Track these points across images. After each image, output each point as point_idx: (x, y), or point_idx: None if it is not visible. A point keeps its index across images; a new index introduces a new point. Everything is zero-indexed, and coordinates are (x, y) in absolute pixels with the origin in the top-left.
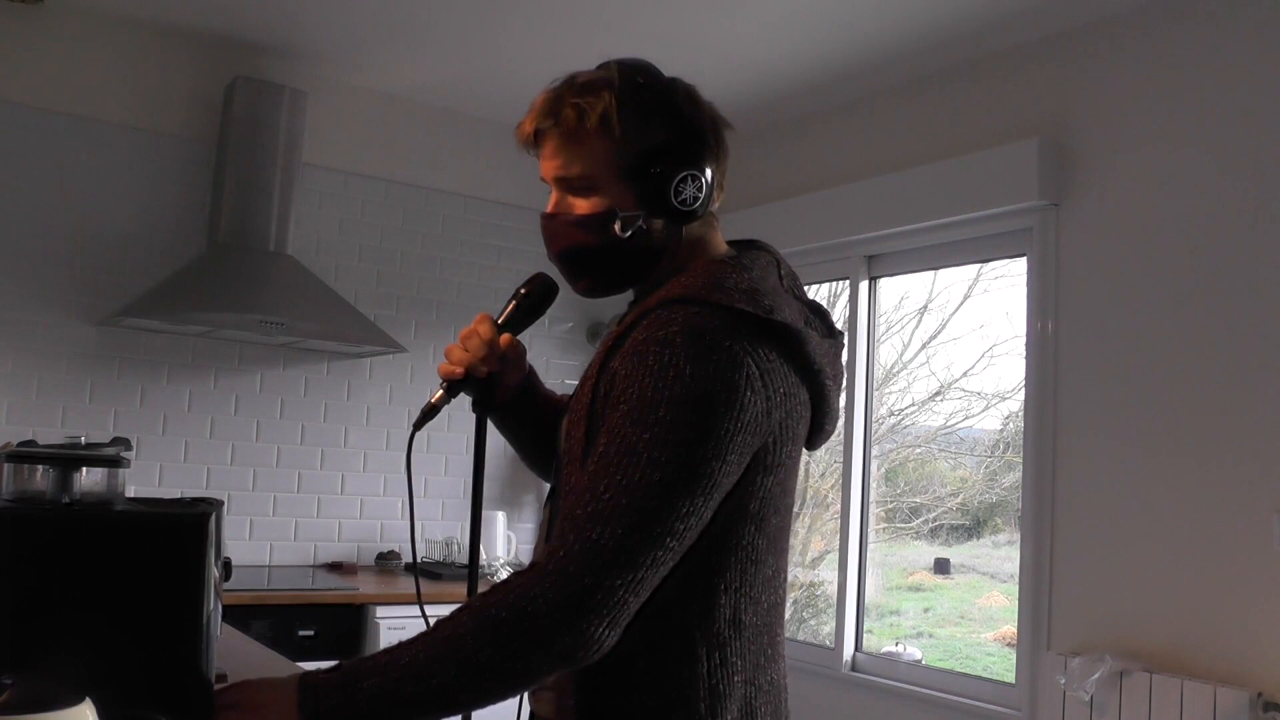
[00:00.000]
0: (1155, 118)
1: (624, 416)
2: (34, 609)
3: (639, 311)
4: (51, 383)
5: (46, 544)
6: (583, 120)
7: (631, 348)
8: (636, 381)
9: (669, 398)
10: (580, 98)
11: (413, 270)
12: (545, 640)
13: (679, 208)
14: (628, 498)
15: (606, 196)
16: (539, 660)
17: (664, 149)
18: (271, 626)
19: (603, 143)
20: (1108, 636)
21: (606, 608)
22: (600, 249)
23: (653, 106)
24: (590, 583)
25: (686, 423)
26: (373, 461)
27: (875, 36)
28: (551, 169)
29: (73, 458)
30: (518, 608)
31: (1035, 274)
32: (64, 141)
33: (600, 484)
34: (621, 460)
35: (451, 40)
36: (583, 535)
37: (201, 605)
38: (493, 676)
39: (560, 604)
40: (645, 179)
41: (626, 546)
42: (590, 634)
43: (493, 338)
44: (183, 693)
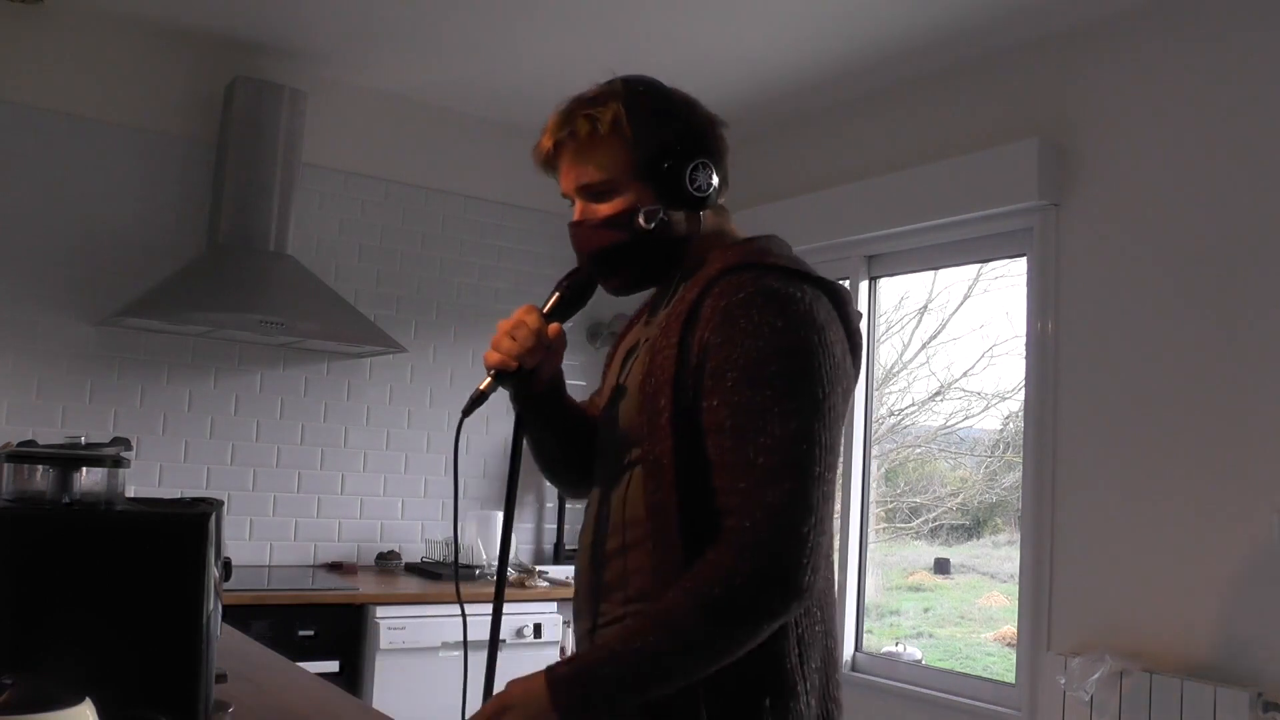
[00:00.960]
0: (1155, 118)
1: (737, 383)
2: (34, 609)
3: (699, 285)
4: (51, 383)
5: (46, 544)
6: (595, 128)
7: (712, 316)
8: (736, 344)
9: (772, 352)
10: (590, 109)
11: (413, 270)
12: (762, 608)
13: (695, 195)
14: (779, 455)
15: (627, 196)
16: (763, 624)
17: (673, 144)
18: (271, 626)
19: (617, 146)
20: (1108, 636)
21: (804, 556)
22: (629, 244)
23: (657, 109)
24: (782, 544)
25: (795, 371)
26: (373, 461)
27: (875, 36)
28: (572, 180)
29: (73, 458)
30: (728, 585)
31: (1035, 274)
32: (64, 141)
33: (748, 450)
34: (756, 423)
35: (452, 40)
36: (759, 503)
37: (201, 605)
38: (720, 649)
39: (766, 573)
40: (660, 174)
41: (798, 497)
42: (800, 585)
43: (541, 328)
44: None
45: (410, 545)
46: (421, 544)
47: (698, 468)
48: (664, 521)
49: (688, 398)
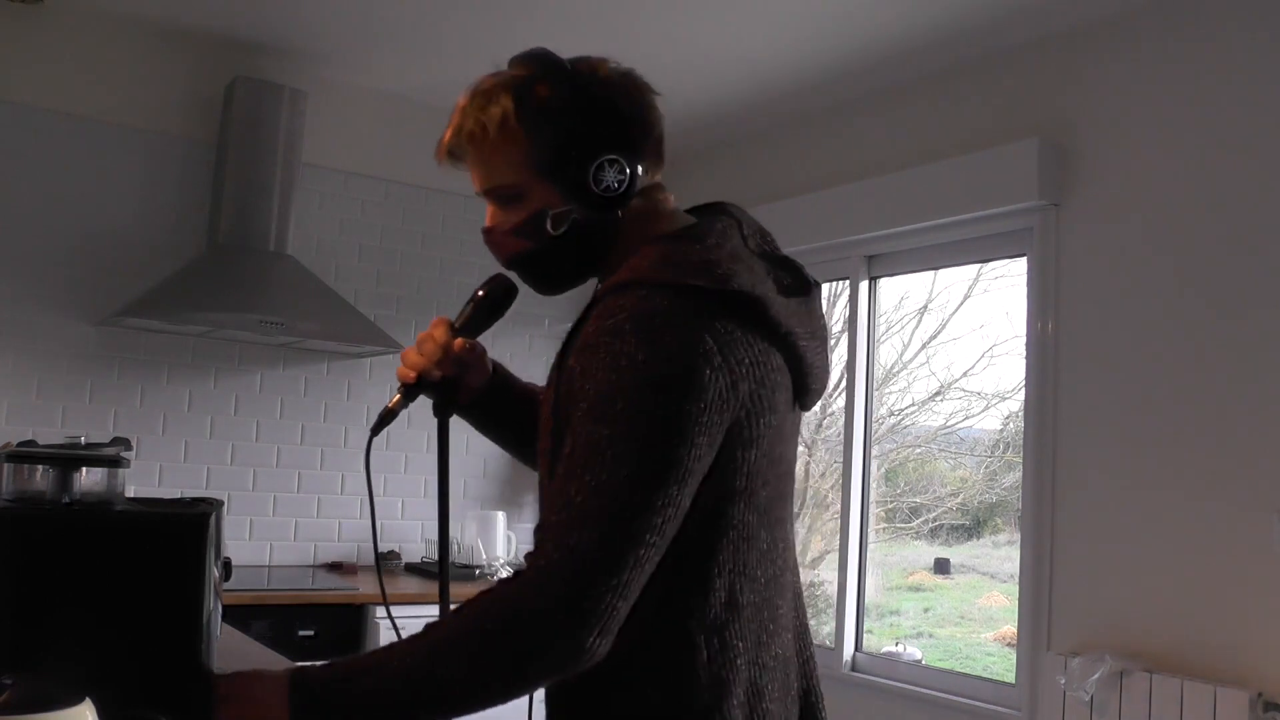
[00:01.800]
0: (1155, 118)
1: (584, 415)
2: (34, 609)
3: (589, 303)
4: (51, 383)
5: (46, 544)
6: (485, 132)
7: (583, 342)
8: (591, 376)
9: (624, 388)
10: (480, 111)
11: (413, 270)
12: (535, 652)
13: (602, 195)
14: (599, 499)
15: (533, 199)
16: (531, 670)
17: (573, 139)
18: (271, 626)
19: (510, 148)
20: (1108, 636)
21: (595, 616)
22: (541, 251)
23: (554, 99)
24: (575, 593)
25: (646, 412)
26: (373, 461)
27: (875, 36)
28: (477, 184)
29: (73, 458)
30: (505, 619)
31: (1035, 274)
32: (64, 141)
33: (570, 488)
34: (588, 460)
35: (452, 40)
36: (561, 544)
37: (201, 605)
38: (482, 685)
39: (547, 616)
40: (563, 173)
41: (607, 550)
42: (581, 644)
43: (447, 341)
44: (183, 693)
45: (410, 545)
46: (421, 544)
47: None
48: None
49: (564, 429)
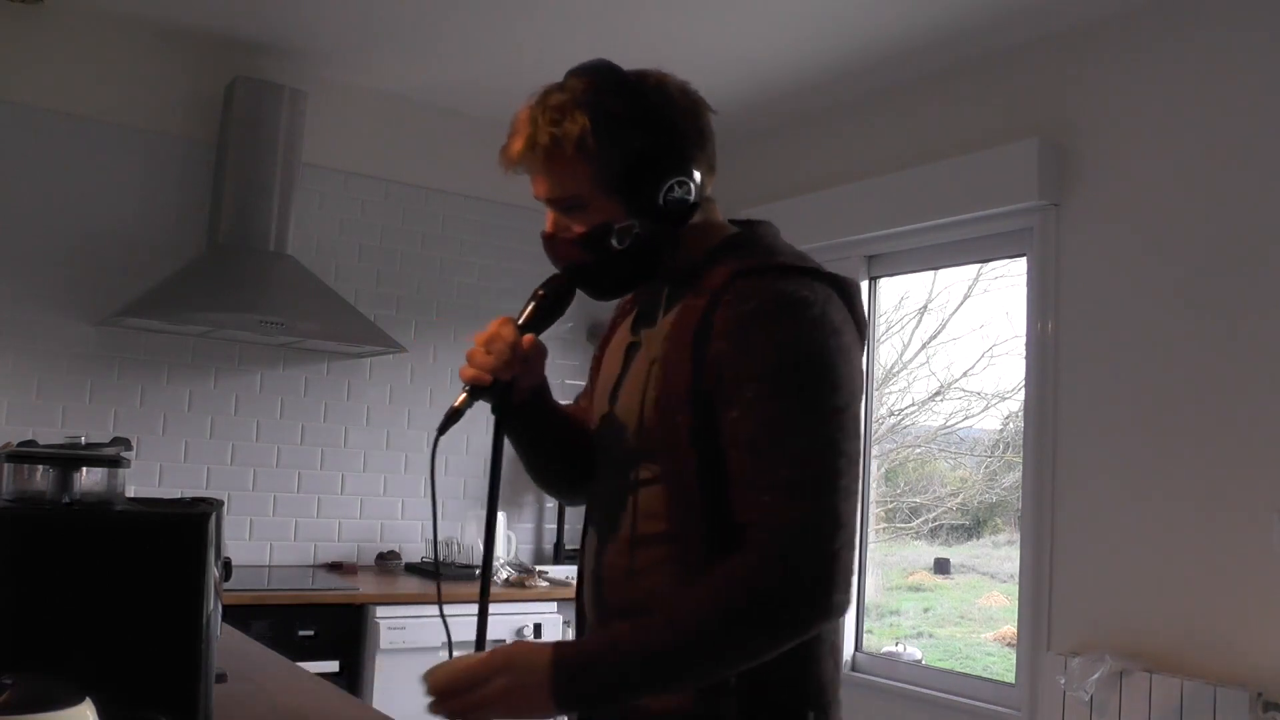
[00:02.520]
0: (1155, 118)
1: (757, 396)
2: (34, 609)
3: (707, 293)
4: (51, 383)
5: (46, 544)
6: (559, 147)
7: (726, 327)
8: (753, 358)
9: (790, 363)
10: (555, 125)
11: (413, 270)
12: (784, 623)
13: (667, 212)
14: (804, 469)
15: (598, 212)
16: (781, 641)
17: (644, 158)
18: (271, 626)
19: (583, 164)
20: (1108, 636)
21: (840, 576)
22: (601, 263)
23: (626, 117)
24: (812, 560)
25: (814, 381)
26: (373, 461)
27: (875, 36)
28: (541, 192)
29: (73, 458)
30: (754, 595)
31: (1035, 274)
32: (64, 141)
33: (772, 465)
34: (778, 436)
35: (452, 40)
36: (785, 518)
37: (201, 605)
38: (732, 660)
39: (793, 588)
40: (631, 190)
41: (826, 512)
42: (834, 604)
43: (516, 340)
44: (183, 693)
45: (410, 545)
46: (421, 544)
47: (721, 485)
48: (689, 545)
49: (705, 412)
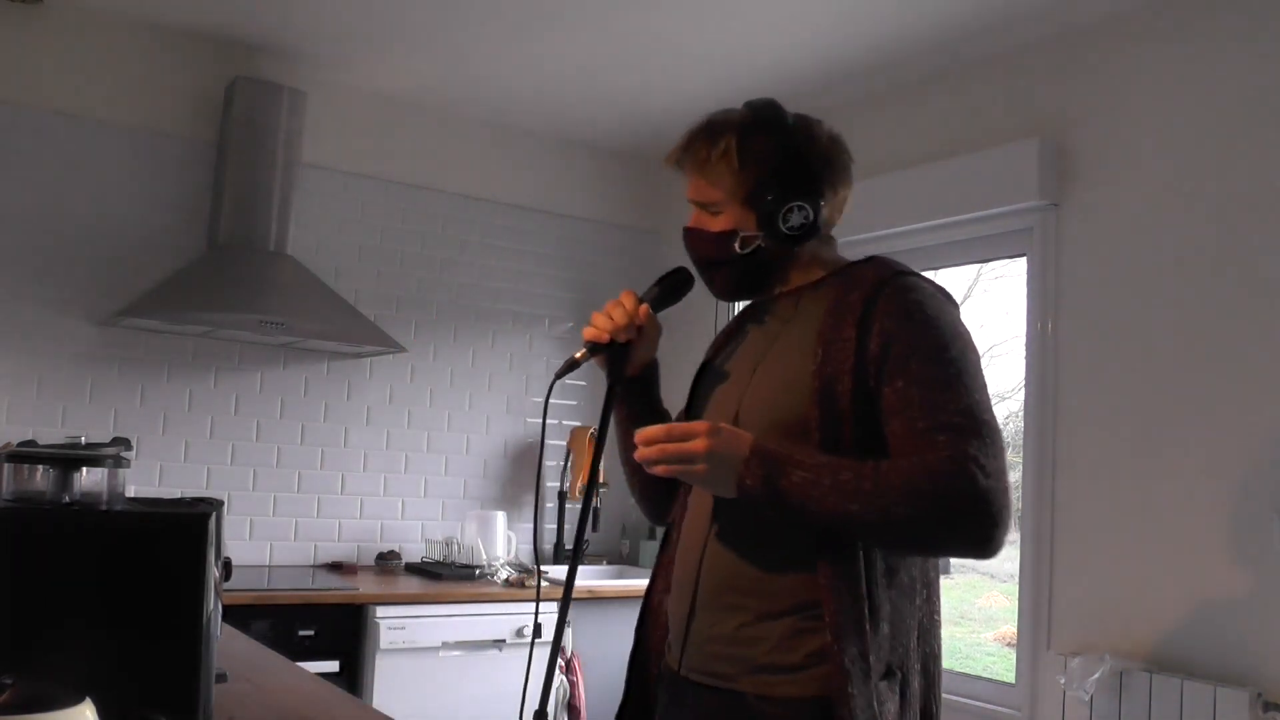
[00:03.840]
0: (1155, 118)
1: (924, 364)
2: (34, 609)
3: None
4: (51, 383)
5: (46, 544)
6: (708, 157)
7: (891, 310)
8: (918, 334)
9: (949, 339)
10: (709, 139)
11: (413, 270)
12: (958, 532)
13: (786, 233)
14: (974, 417)
15: (732, 219)
16: (945, 541)
17: (776, 182)
18: (271, 626)
19: (726, 175)
20: (1108, 636)
21: (1008, 512)
22: (725, 261)
23: (768, 145)
24: (999, 489)
25: (968, 356)
26: (373, 461)
27: (875, 37)
28: (690, 193)
29: (73, 458)
30: (947, 489)
31: (1035, 274)
32: (64, 141)
33: (944, 414)
34: (947, 393)
35: (452, 41)
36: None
37: (201, 605)
38: (899, 532)
39: (983, 503)
40: (760, 207)
41: (997, 453)
42: (1000, 536)
43: (634, 309)
44: (183, 693)
45: (410, 545)
46: (421, 544)
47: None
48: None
49: (867, 385)
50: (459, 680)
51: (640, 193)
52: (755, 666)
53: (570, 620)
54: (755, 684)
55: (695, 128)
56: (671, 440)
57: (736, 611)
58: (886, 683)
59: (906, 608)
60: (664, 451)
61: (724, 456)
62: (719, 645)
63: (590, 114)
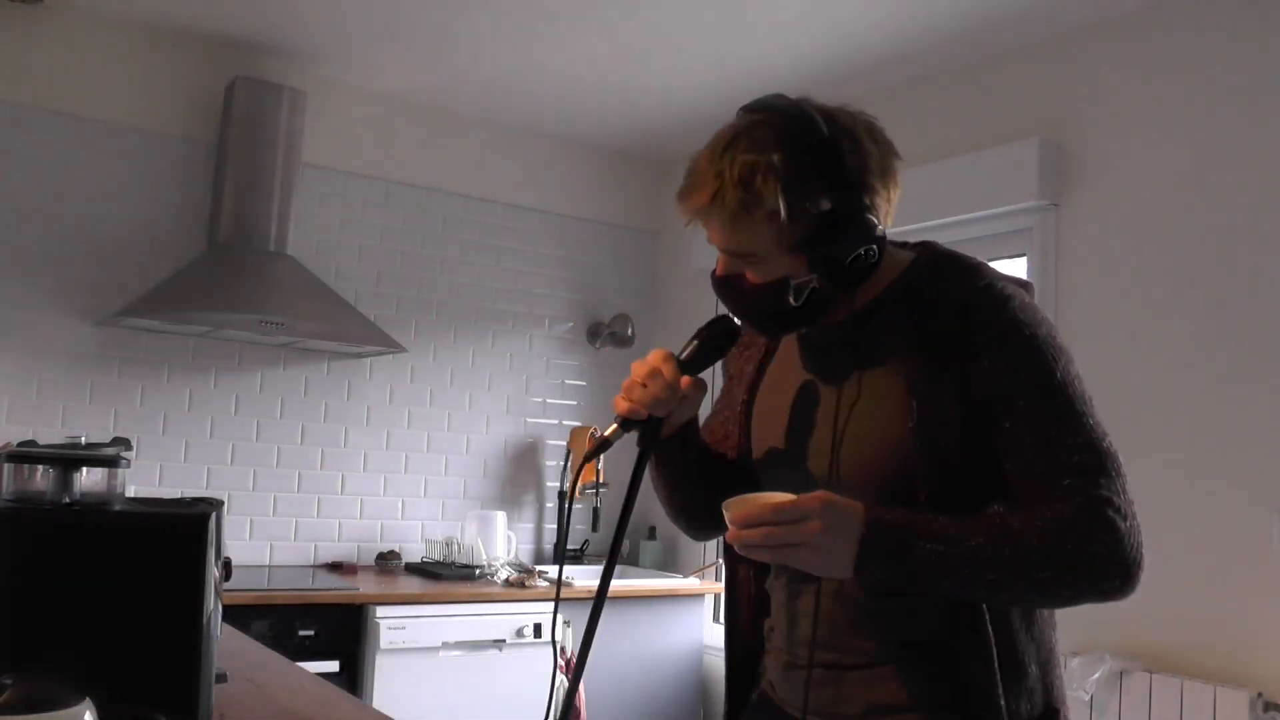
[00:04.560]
0: (1155, 118)
1: (1030, 399)
2: (34, 609)
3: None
4: (51, 383)
5: (46, 544)
6: (748, 211)
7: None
8: (1019, 365)
9: (1052, 362)
10: (744, 188)
11: (413, 270)
12: (1101, 583)
13: (850, 275)
14: (1095, 454)
15: (779, 267)
16: (1086, 595)
17: (835, 224)
18: (271, 626)
19: (770, 225)
20: (1108, 636)
21: (1143, 553)
22: (777, 314)
23: (818, 176)
24: (1133, 533)
25: (1072, 373)
26: (373, 461)
27: (874, 37)
28: (719, 241)
29: (73, 458)
30: (1085, 548)
31: (1035, 274)
32: (64, 141)
33: (1063, 455)
34: (1062, 429)
35: (452, 41)
36: (1094, 495)
37: (201, 605)
38: (1040, 593)
39: (1119, 554)
40: (817, 251)
41: (1123, 491)
42: (1136, 581)
43: (675, 380)
44: (183, 693)
45: (410, 545)
46: (421, 544)
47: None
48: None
49: (975, 432)
50: (459, 680)
51: (641, 193)
52: (874, 708)
53: (570, 620)
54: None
55: (713, 165)
56: (780, 524)
57: (856, 652)
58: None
59: (1049, 637)
60: (770, 535)
61: (835, 534)
62: (835, 687)
63: (591, 114)
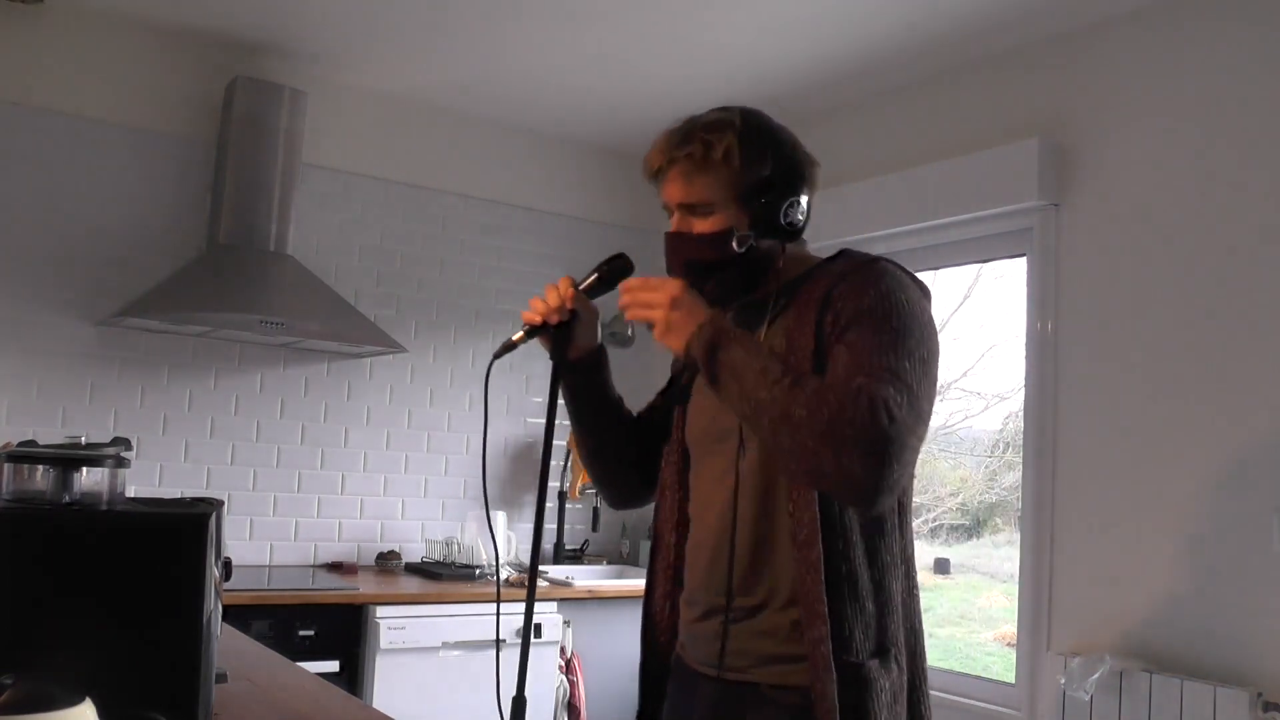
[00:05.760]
0: (1155, 118)
1: (864, 329)
2: (34, 609)
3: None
4: (51, 383)
5: (46, 544)
6: (709, 153)
7: (843, 292)
8: (864, 305)
9: (895, 311)
10: (708, 134)
11: (413, 270)
12: (843, 454)
13: (786, 228)
14: (900, 374)
15: (724, 218)
16: (835, 468)
17: (773, 180)
18: (271, 626)
19: (724, 173)
20: (1108, 636)
21: (904, 457)
22: (719, 262)
23: (765, 144)
24: (896, 429)
25: (915, 329)
26: (373, 461)
27: (875, 37)
28: (677, 194)
29: (73, 458)
30: (842, 414)
31: (1035, 274)
32: (64, 141)
33: (871, 360)
34: (879, 351)
35: (452, 40)
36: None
37: (201, 605)
38: (791, 434)
39: (869, 438)
40: (757, 205)
41: (915, 406)
42: (880, 478)
43: (568, 294)
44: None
45: (410, 545)
46: (421, 544)
47: None
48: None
49: (823, 360)
50: (459, 680)
51: (640, 193)
52: (767, 658)
53: (570, 620)
54: (768, 675)
55: (684, 128)
56: (645, 289)
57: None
58: (878, 661)
59: (891, 585)
60: (635, 298)
61: (684, 314)
62: (737, 641)
63: (591, 114)
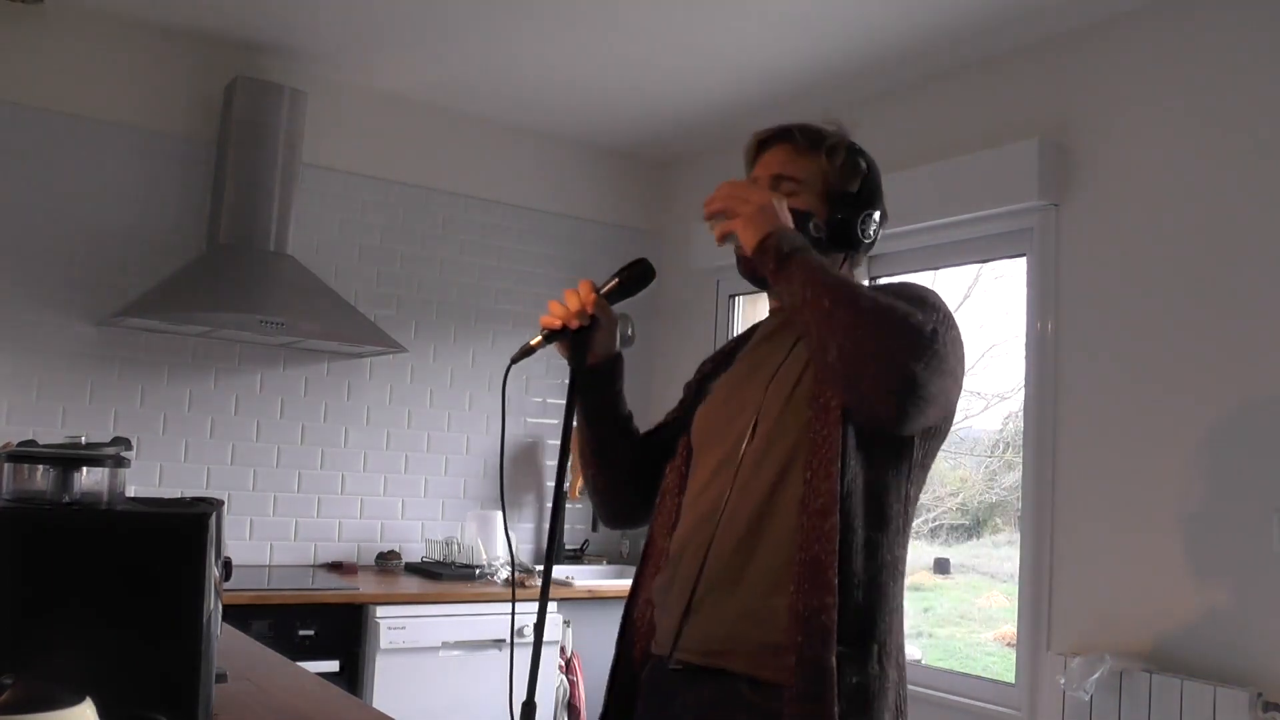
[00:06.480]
0: (1155, 117)
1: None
2: (34, 609)
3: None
4: (51, 383)
5: (46, 544)
6: (820, 141)
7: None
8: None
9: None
10: (823, 128)
11: (413, 270)
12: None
13: (850, 236)
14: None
15: (809, 202)
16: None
17: (859, 198)
18: (271, 626)
19: (824, 165)
20: (1108, 636)
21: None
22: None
23: (864, 166)
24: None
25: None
26: (373, 461)
27: (875, 37)
28: (775, 164)
29: (73, 458)
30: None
31: (1035, 274)
32: (64, 141)
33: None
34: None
35: (452, 40)
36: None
37: (201, 605)
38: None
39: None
40: (838, 210)
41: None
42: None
43: (589, 299)
44: (183, 693)
45: (410, 545)
46: (421, 544)
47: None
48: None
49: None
50: (459, 680)
51: (641, 193)
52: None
53: (570, 620)
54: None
55: (803, 122)
56: (744, 188)
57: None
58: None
59: (886, 583)
60: (733, 190)
61: (772, 216)
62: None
63: (591, 114)
